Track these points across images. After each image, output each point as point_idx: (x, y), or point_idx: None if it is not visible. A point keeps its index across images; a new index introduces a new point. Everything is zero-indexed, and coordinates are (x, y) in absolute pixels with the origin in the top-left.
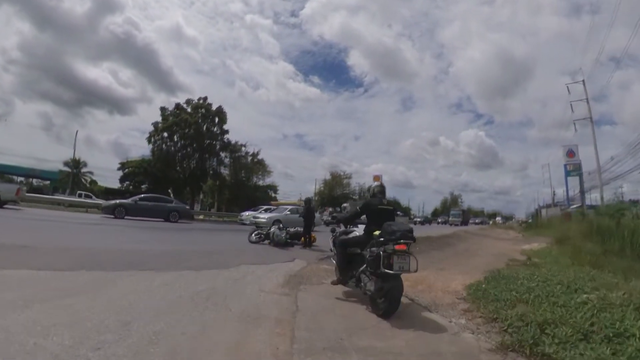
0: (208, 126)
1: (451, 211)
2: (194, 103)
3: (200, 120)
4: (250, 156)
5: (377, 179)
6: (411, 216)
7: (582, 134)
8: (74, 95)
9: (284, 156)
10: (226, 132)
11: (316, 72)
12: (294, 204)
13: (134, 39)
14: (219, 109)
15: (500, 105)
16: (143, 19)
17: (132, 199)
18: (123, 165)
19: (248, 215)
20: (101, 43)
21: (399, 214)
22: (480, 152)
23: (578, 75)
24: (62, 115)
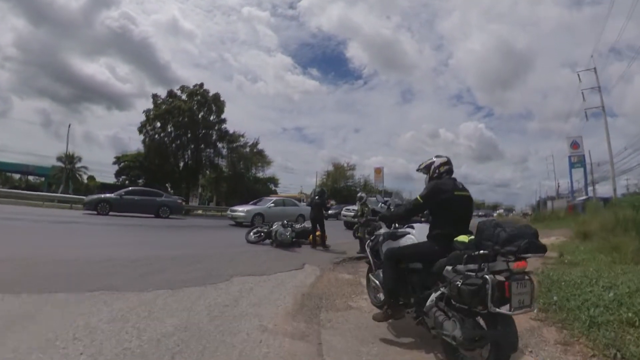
0: (204, 114)
1: None
2: (189, 90)
3: (196, 107)
4: (249, 146)
5: (379, 172)
6: None
7: (584, 126)
8: (72, 91)
9: (284, 149)
10: (223, 121)
11: (315, 65)
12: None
13: (130, 33)
14: (215, 95)
15: (500, 97)
16: (139, 13)
17: (117, 193)
18: (118, 160)
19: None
20: (98, 38)
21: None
22: (480, 145)
23: (578, 66)
24: (60, 111)
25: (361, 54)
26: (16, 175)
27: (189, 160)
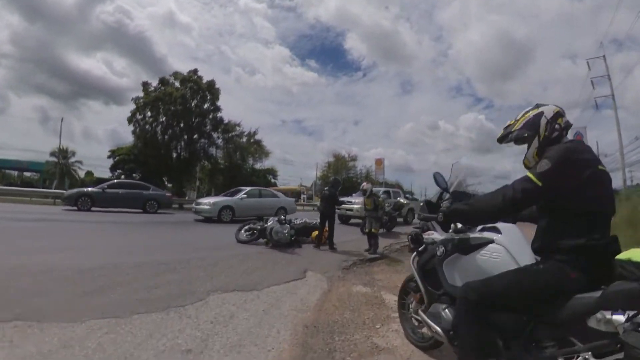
0: (197, 102)
1: None
2: (182, 76)
3: (189, 95)
4: (246, 136)
5: (380, 163)
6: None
7: (585, 118)
8: (69, 87)
9: (283, 142)
10: (218, 109)
11: (313, 56)
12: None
13: (126, 27)
14: (210, 83)
15: (500, 89)
16: (135, 7)
17: (100, 187)
18: (113, 153)
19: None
20: (93, 33)
21: (408, 198)
22: (480, 136)
23: (579, 58)
24: (58, 108)
25: (360, 45)
26: (14, 172)
27: (182, 151)
